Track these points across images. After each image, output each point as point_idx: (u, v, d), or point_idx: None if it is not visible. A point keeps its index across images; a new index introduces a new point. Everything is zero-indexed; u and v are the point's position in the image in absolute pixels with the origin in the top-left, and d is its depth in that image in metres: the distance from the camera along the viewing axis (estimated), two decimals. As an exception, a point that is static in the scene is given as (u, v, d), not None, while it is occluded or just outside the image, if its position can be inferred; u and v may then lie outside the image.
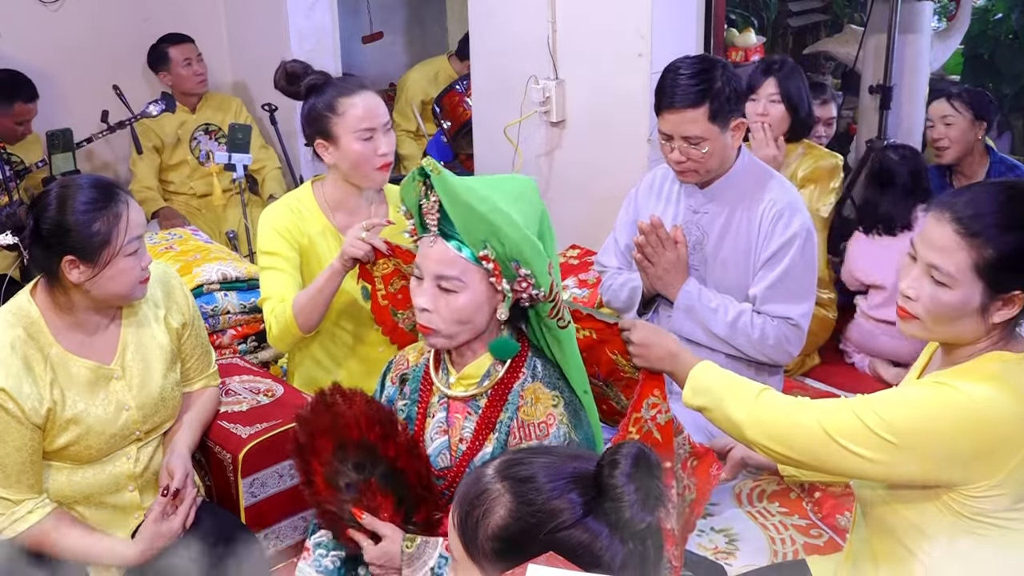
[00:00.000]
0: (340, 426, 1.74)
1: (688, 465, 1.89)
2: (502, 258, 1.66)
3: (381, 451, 1.73)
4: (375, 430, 1.73)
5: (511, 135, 3.74)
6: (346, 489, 1.77)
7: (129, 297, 2.07)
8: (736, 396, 1.70)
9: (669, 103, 2.40)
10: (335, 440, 1.76)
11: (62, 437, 2.01)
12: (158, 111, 4.01)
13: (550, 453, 1.29)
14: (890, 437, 1.54)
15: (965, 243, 1.54)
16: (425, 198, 1.71)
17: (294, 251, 2.50)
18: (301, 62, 2.53)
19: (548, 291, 1.69)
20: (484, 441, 1.78)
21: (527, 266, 1.66)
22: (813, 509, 2.47)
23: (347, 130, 2.43)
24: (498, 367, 1.79)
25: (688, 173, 2.48)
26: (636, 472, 1.19)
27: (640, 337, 1.81)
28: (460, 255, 1.69)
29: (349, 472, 1.76)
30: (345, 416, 1.74)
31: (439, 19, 6.31)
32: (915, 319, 1.62)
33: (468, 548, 1.22)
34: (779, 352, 2.47)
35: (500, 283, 1.69)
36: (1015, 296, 1.54)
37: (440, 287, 1.72)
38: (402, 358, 1.98)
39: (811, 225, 2.49)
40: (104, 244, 1.96)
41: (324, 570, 1.86)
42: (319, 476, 1.78)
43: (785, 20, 6.08)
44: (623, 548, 1.18)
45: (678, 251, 2.49)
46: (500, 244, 1.64)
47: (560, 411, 1.75)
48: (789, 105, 3.30)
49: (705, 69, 2.39)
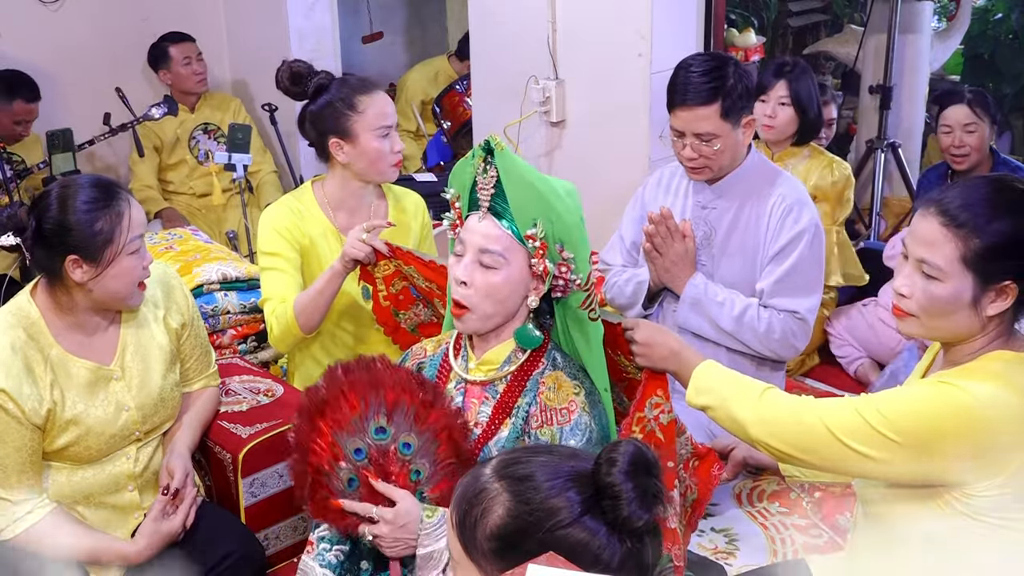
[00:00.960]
0: (377, 386, 1.73)
1: (690, 465, 1.89)
2: (550, 237, 1.70)
3: (420, 417, 1.72)
4: (419, 396, 1.73)
5: (511, 135, 3.74)
6: (354, 454, 1.74)
7: (127, 301, 2.07)
8: (740, 395, 1.71)
9: (681, 100, 2.41)
10: (367, 400, 1.73)
11: (62, 438, 2.01)
12: (160, 114, 4.00)
13: (549, 452, 1.29)
14: (893, 436, 1.54)
15: (951, 234, 1.55)
16: (483, 173, 1.74)
17: (295, 251, 2.50)
18: (305, 62, 2.52)
19: (585, 279, 1.73)
20: (500, 425, 1.78)
21: (572, 249, 1.71)
22: (813, 509, 2.48)
23: (367, 128, 2.44)
24: (519, 354, 1.80)
25: (700, 170, 2.49)
26: (634, 470, 1.19)
27: (643, 336, 1.81)
28: (507, 232, 1.72)
29: (367, 438, 1.73)
30: (385, 379, 1.73)
31: (439, 19, 6.31)
32: (911, 316, 1.63)
33: (467, 547, 1.22)
34: (785, 346, 2.48)
35: (543, 262, 1.71)
36: (1007, 286, 1.55)
37: (481, 263, 1.73)
38: (419, 349, 1.98)
39: (819, 220, 2.50)
40: (107, 243, 1.96)
41: (328, 564, 1.85)
42: (324, 437, 1.74)
43: (785, 20, 6.08)
44: (621, 547, 1.19)
45: (686, 244, 2.50)
46: (551, 224, 1.68)
47: (582, 399, 1.77)
48: (798, 108, 3.30)
49: (717, 67, 2.40)
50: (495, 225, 1.72)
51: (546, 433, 1.75)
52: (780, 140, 3.37)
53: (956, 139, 3.44)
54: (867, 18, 4.48)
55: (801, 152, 3.40)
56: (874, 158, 4.19)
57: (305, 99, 2.51)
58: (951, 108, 3.47)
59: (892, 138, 4.22)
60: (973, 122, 3.42)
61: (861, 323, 3.34)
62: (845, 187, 3.40)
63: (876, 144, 4.19)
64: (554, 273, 1.73)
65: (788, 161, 3.40)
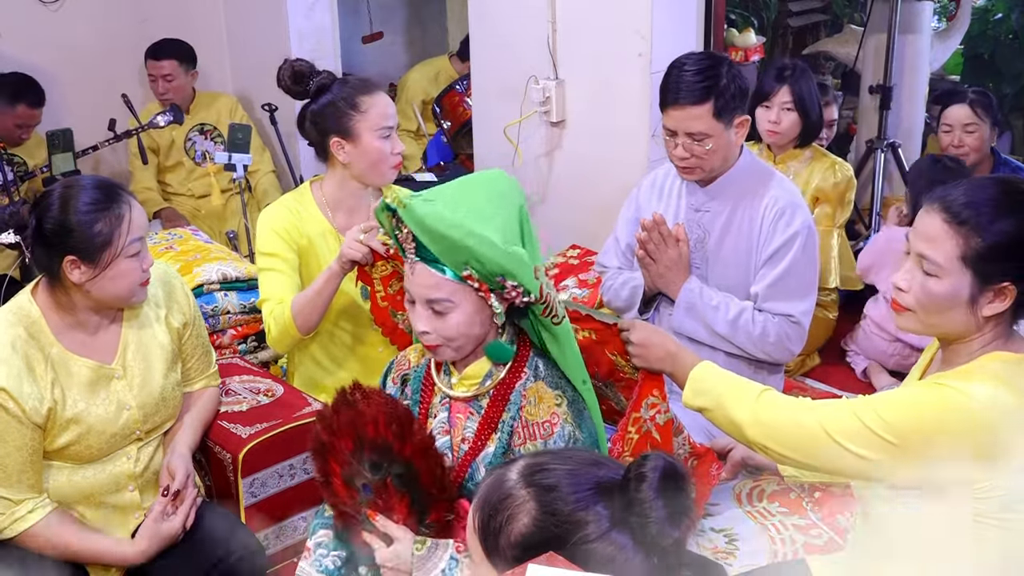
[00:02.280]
0: (359, 424, 1.72)
1: (688, 465, 1.89)
2: (485, 276, 1.67)
3: (396, 450, 1.71)
4: (391, 428, 1.72)
5: (511, 135, 3.74)
6: (363, 490, 1.75)
7: (129, 300, 2.07)
8: (737, 397, 1.70)
9: (674, 99, 2.40)
10: (354, 439, 1.73)
11: (62, 437, 2.01)
12: (166, 122, 3.97)
13: (572, 459, 1.28)
14: (891, 438, 1.54)
15: (953, 231, 1.55)
16: (398, 229, 1.73)
17: (293, 252, 2.50)
18: (307, 62, 2.52)
19: (539, 295, 1.70)
20: (486, 441, 1.78)
21: (512, 278, 1.67)
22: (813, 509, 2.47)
23: (369, 128, 2.44)
24: (499, 367, 1.79)
25: (691, 170, 2.48)
26: (664, 486, 1.18)
27: (639, 337, 1.81)
28: (444, 277, 1.69)
29: (365, 472, 1.74)
30: (364, 414, 1.72)
31: (439, 19, 6.31)
32: (907, 311, 1.63)
33: (488, 552, 1.22)
34: (780, 350, 2.48)
35: (489, 298, 1.70)
36: (1005, 288, 1.55)
37: (433, 310, 1.73)
38: (403, 359, 1.98)
39: (812, 222, 2.49)
40: (106, 245, 1.96)
41: (325, 570, 1.86)
42: (337, 477, 1.76)
43: (785, 20, 6.07)
44: (646, 562, 1.18)
45: (680, 249, 2.49)
46: (480, 264, 1.65)
47: (564, 410, 1.76)
48: (801, 111, 3.30)
49: (710, 66, 2.40)
50: (431, 274, 1.70)
51: (530, 449, 1.75)
52: (784, 144, 3.38)
53: (956, 138, 3.46)
54: (867, 18, 4.48)
55: (803, 154, 3.40)
56: (874, 158, 4.19)
57: (306, 98, 2.51)
58: (952, 107, 3.50)
59: (892, 138, 4.21)
60: (973, 122, 3.45)
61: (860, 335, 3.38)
62: (847, 189, 3.40)
63: (876, 144, 4.19)
64: (505, 297, 1.71)
65: (790, 163, 3.40)
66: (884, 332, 3.25)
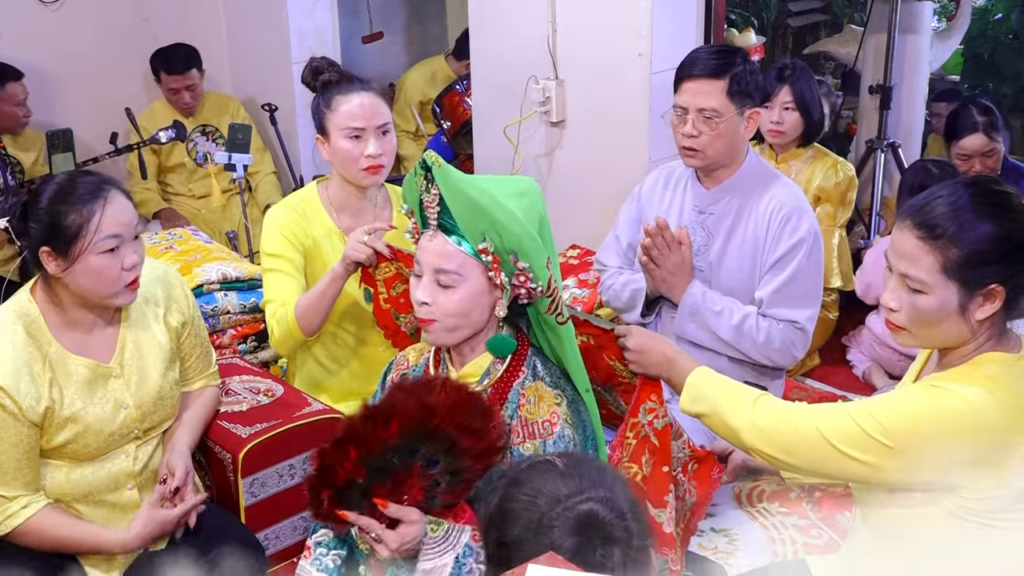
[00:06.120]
0: (430, 410, 1.63)
1: (688, 468, 1.89)
2: (500, 250, 1.67)
3: (470, 448, 1.63)
4: (470, 422, 1.64)
5: (511, 135, 3.74)
6: (374, 475, 1.67)
7: (110, 299, 2.03)
8: (733, 402, 1.70)
9: (689, 72, 2.43)
10: (406, 427, 1.63)
11: (60, 435, 2.01)
12: (167, 138, 3.95)
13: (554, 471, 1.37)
14: (887, 441, 1.54)
15: (928, 247, 1.55)
16: (426, 191, 1.73)
17: (298, 253, 2.50)
18: (327, 59, 2.55)
19: (546, 286, 1.70)
20: None
21: (525, 259, 1.67)
22: (813, 509, 2.47)
23: (336, 127, 2.45)
24: (498, 365, 1.79)
25: (695, 153, 2.44)
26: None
27: (636, 343, 1.81)
28: (459, 248, 1.70)
29: (393, 459, 1.65)
30: (441, 402, 1.63)
31: (439, 19, 6.30)
32: (902, 329, 1.63)
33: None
34: (784, 356, 2.46)
35: (499, 276, 1.70)
36: (993, 290, 1.54)
37: (439, 282, 1.73)
38: (402, 358, 1.98)
39: (817, 228, 2.48)
40: (74, 238, 1.94)
41: (325, 569, 1.85)
42: (349, 462, 1.65)
43: (785, 20, 6.08)
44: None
45: (682, 253, 2.47)
46: (499, 236, 1.66)
47: (564, 410, 1.76)
48: (803, 110, 3.31)
49: (729, 52, 2.47)
50: (446, 242, 1.71)
51: (529, 447, 1.74)
52: (786, 143, 3.38)
53: (976, 166, 3.39)
54: (867, 18, 4.48)
55: (805, 153, 3.40)
56: (874, 158, 4.19)
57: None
58: (968, 139, 3.42)
59: (892, 138, 4.21)
60: (991, 148, 3.40)
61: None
62: (848, 188, 3.40)
63: (876, 144, 4.19)
64: (513, 283, 1.71)
65: (792, 162, 3.40)
66: (887, 348, 3.25)
